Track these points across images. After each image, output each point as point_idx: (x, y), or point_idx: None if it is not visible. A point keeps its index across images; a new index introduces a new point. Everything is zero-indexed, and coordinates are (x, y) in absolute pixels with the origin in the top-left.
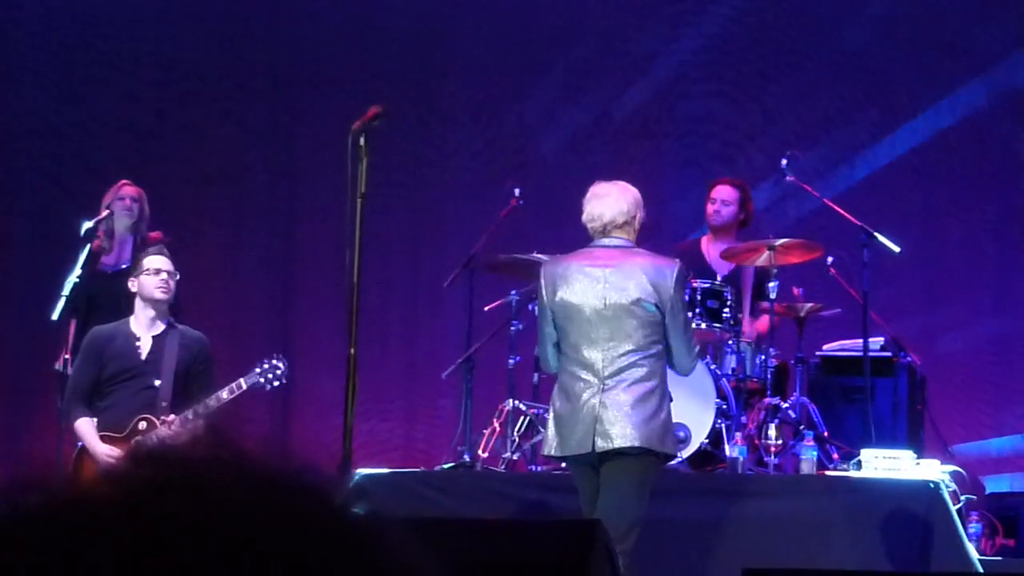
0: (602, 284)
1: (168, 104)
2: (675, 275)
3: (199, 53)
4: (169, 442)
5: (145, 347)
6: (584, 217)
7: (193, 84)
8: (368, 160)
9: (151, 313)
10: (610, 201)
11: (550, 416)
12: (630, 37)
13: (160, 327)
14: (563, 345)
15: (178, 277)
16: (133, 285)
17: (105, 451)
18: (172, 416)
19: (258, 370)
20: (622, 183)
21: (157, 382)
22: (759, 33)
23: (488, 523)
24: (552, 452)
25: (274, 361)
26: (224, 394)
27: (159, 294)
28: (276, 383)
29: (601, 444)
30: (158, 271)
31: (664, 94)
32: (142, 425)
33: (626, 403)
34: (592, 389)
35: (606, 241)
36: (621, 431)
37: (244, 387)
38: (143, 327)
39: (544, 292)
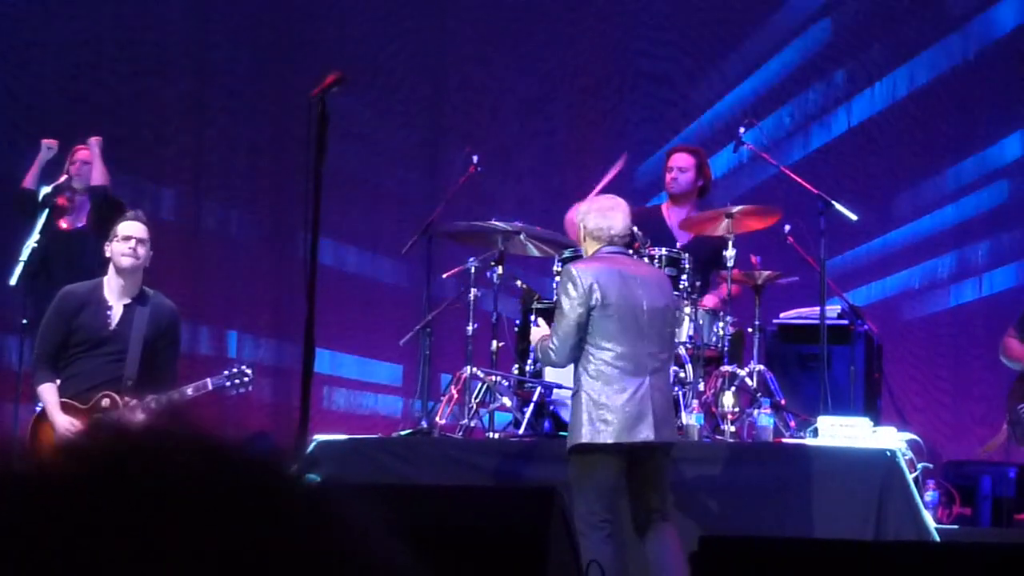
0: (640, 288)
1: (125, 69)
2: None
3: (157, 18)
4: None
5: (116, 316)
6: (590, 225)
7: (151, 48)
8: (327, 126)
9: (122, 281)
10: (616, 216)
11: (585, 405)
12: (589, 2)
13: (132, 295)
14: (599, 342)
15: (144, 249)
16: (108, 250)
17: (65, 422)
18: (134, 400)
19: (226, 373)
20: (618, 199)
21: (124, 355)
22: (717, 0)
23: (446, 490)
24: (603, 440)
25: (243, 368)
26: (189, 391)
27: (125, 261)
28: (241, 390)
29: (662, 435)
30: (127, 237)
31: (622, 61)
32: (105, 402)
33: (666, 399)
34: (640, 382)
35: (614, 249)
36: (670, 426)
37: (209, 388)
38: (115, 294)
39: (582, 293)
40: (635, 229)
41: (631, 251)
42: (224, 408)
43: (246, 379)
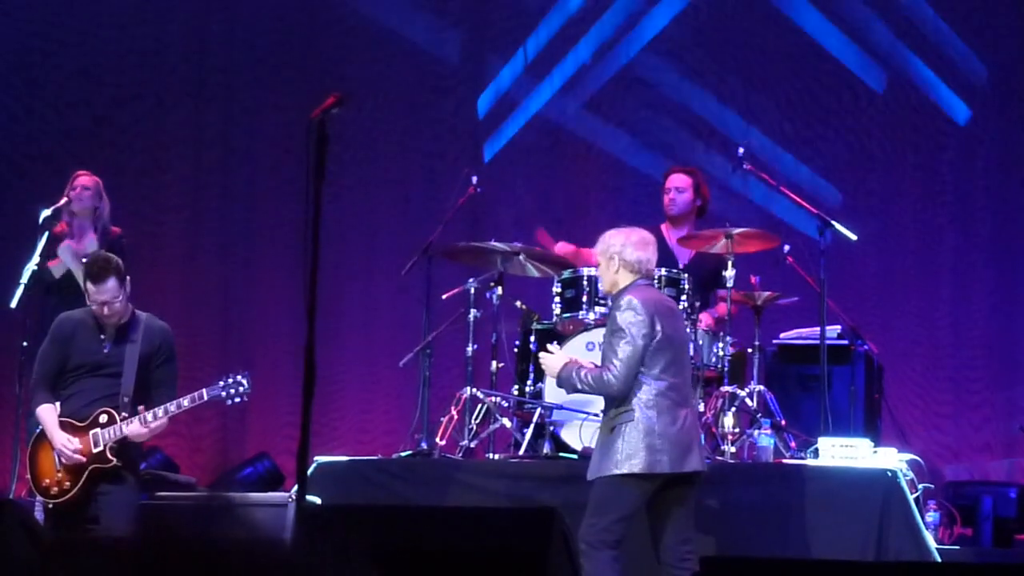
0: (680, 321)
1: (124, 93)
2: None
3: (156, 42)
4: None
5: (109, 339)
6: (630, 258)
7: (150, 73)
8: (326, 148)
9: None
10: (651, 249)
11: (645, 434)
12: (589, 24)
13: (124, 320)
14: (655, 372)
15: (120, 299)
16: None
17: (62, 439)
18: (132, 416)
19: (221, 383)
20: (646, 231)
21: (120, 375)
22: (716, 21)
23: (446, 511)
24: (659, 469)
25: (239, 377)
26: (185, 402)
27: (105, 320)
28: (237, 399)
29: (703, 464)
30: (100, 304)
31: (621, 82)
32: (103, 418)
33: (698, 428)
34: (686, 413)
35: (648, 282)
36: (703, 453)
37: (205, 398)
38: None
39: (646, 324)
40: None
41: None
42: (227, 430)
43: (242, 388)
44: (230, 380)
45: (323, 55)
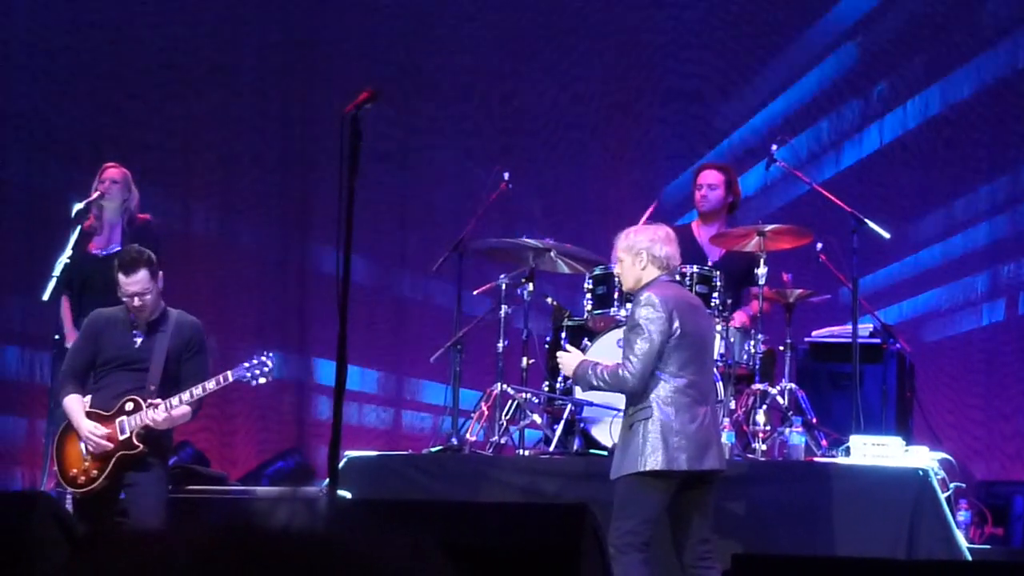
0: (703, 318)
1: (154, 82)
2: None
3: (186, 29)
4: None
5: (140, 335)
6: (659, 254)
7: (181, 59)
8: (359, 143)
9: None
10: (675, 245)
11: (662, 431)
12: (619, 18)
13: (155, 316)
14: (675, 370)
15: (152, 292)
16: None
17: (88, 428)
18: (158, 400)
19: (247, 365)
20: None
21: (148, 366)
22: (748, 16)
23: (476, 506)
24: (677, 467)
25: (263, 358)
26: (210, 384)
27: (138, 313)
28: (262, 379)
29: (722, 463)
30: (130, 296)
31: (653, 78)
32: (129, 406)
33: (719, 427)
34: (706, 411)
35: (671, 278)
36: (723, 454)
37: (230, 379)
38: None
39: (663, 320)
40: None
41: None
42: (257, 424)
43: (267, 368)
44: (255, 361)
45: (353, 49)
